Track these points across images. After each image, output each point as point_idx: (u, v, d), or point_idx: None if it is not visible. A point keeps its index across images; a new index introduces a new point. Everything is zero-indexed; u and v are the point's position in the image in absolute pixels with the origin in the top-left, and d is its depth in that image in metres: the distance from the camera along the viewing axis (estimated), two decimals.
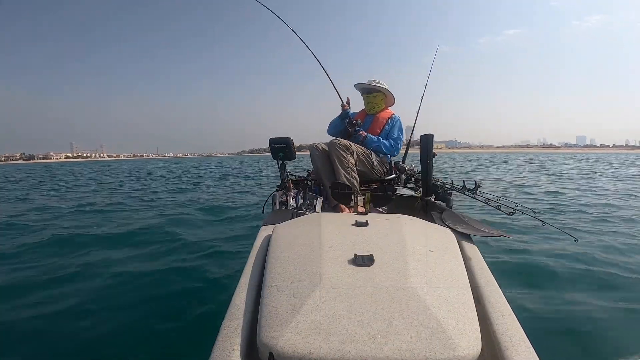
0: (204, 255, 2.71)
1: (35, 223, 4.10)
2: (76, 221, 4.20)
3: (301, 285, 0.73)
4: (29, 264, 2.52)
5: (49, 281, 2.20)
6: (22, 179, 14.44)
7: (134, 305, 1.85)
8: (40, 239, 3.24)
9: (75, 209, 5.16)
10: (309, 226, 1.07)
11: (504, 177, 10.10)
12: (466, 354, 0.58)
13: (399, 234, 0.97)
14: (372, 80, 2.38)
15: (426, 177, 1.87)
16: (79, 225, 3.93)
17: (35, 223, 4.10)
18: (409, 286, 0.72)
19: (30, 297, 1.95)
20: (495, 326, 0.70)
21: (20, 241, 3.20)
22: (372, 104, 2.40)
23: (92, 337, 1.56)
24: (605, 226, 3.53)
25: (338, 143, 2.04)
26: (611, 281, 2.07)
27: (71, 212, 4.91)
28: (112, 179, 12.47)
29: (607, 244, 2.83)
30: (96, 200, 6.31)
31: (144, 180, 11.57)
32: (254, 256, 1.00)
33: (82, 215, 4.70)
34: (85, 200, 6.39)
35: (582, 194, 6.09)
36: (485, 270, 0.93)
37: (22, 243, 3.11)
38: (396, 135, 2.32)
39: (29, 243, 3.09)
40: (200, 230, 3.62)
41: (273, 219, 1.38)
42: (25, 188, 9.68)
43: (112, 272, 2.33)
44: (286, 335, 0.61)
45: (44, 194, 7.95)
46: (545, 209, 4.48)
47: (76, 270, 2.39)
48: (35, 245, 3.04)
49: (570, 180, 8.81)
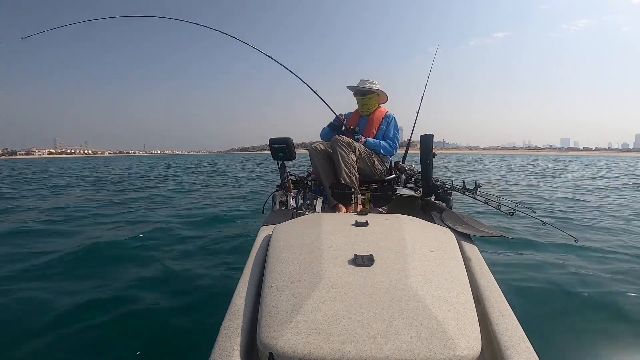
0: (204, 256, 2.71)
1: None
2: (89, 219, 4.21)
3: (301, 285, 0.73)
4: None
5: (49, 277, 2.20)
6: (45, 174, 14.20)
7: (133, 306, 1.85)
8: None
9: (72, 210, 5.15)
10: (309, 226, 1.07)
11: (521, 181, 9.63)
12: (466, 354, 0.58)
13: (399, 234, 0.97)
14: (364, 81, 2.34)
15: (426, 177, 1.87)
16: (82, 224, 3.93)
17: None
18: (409, 286, 0.72)
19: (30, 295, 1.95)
20: (495, 326, 0.70)
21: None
22: (367, 106, 2.37)
23: (92, 337, 1.56)
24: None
25: (341, 140, 2.04)
26: (611, 281, 2.07)
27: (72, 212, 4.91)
28: (125, 177, 12.32)
29: (607, 243, 2.83)
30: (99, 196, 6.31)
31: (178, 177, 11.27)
32: (254, 256, 1.00)
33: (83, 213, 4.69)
34: (90, 196, 6.39)
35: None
36: (485, 270, 0.93)
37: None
38: (392, 135, 2.31)
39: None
40: (201, 230, 3.62)
41: (273, 219, 1.38)
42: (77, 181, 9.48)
43: (111, 272, 2.33)
44: (286, 336, 0.61)
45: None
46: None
47: (76, 268, 2.39)
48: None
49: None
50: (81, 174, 13.82)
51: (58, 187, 8.49)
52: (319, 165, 2.11)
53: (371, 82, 2.35)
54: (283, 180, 1.99)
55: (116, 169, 18.67)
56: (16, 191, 7.71)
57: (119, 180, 10.65)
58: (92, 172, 15.01)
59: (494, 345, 0.67)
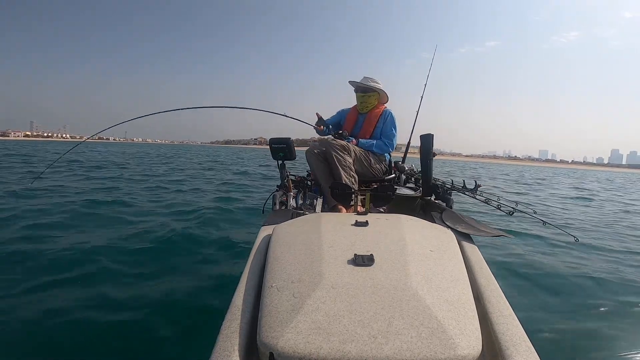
0: (204, 256, 2.71)
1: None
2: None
3: (301, 285, 0.73)
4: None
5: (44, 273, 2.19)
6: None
7: (134, 306, 1.85)
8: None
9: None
10: (309, 226, 1.07)
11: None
12: (466, 353, 0.58)
13: (399, 234, 0.97)
14: (367, 79, 2.31)
15: (426, 176, 1.87)
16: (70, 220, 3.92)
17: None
18: (409, 286, 0.72)
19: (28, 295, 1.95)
20: (496, 326, 0.70)
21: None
22: (366, 104, 2.34)
23: (92, 337, 1.56)
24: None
25: (335, 144, 2.04)
26: (611, 281, 2.08)
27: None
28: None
29: (607, 243, 2.83)
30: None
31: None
32: (254, 256, 1.00)
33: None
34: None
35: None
36: (485, 270, 0.93)
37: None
38: (389, 132, 2.28)
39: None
40: (200, 230, 3.62)
41: (273, 219, 1.38)
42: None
43: (111, 272, 2.33)
44: (286, 336, 0.61)
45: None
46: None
47: (75, 267, 2.39)
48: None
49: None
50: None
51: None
52: (316, 168, 2.11)
53: (374, 80, 2.32)
54: (283, 180, 1.99)
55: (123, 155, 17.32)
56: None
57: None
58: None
59: (495, 345, 0.67)
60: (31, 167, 9.48)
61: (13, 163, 10.55)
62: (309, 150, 2.15)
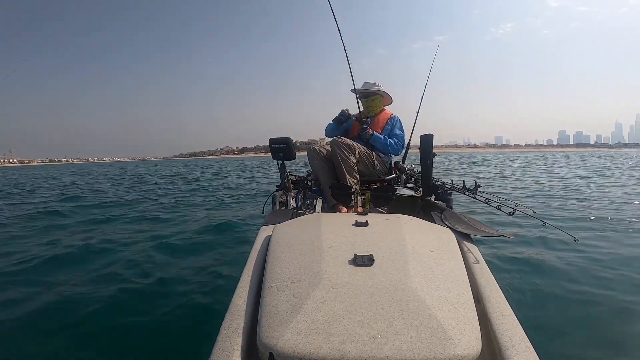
0: (204, 256, 2.71)
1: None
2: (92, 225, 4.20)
3: (301, 285, 0.73)
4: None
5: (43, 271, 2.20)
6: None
7: (134, 306, 1.85)
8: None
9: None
10: (309, 226, 1.07)
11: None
12: (466, 353, 0.58)
13: (399, 234, 0.97)
14: (368, 84, 2.39)
15: (426, 177, 1.87)
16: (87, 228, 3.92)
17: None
18: (409, 286, 0.72)
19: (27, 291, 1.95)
20: (495, 326, 0.70)
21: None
22: (371, 107, 2.41)
23: (92, 337, 1.56)
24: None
25: (341, 142, 2.04)
26: (611, 280, 2.07)
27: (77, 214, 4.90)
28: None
29: (606, 243, 2.83)
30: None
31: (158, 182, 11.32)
32: (254, 256, 1.00)
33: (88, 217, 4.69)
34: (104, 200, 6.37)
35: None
36: (485, 270, 0.93)
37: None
38: (399, 134, 2.34)
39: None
40: (200, 230, 3.62)
41: (273, 219, 1.37)
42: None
43: (110, 272, 2.33)
44: (286, 336, 0.61)
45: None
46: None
47: (74, 266, 2.39)
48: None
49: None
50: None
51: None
52: (317, 167, 2.11)
53: (375, 84, 2.38)
54: (283, 180, 1.99)
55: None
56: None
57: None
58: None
59: (494, 345, 0.67)
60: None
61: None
62: (311, 149, 2.16)
